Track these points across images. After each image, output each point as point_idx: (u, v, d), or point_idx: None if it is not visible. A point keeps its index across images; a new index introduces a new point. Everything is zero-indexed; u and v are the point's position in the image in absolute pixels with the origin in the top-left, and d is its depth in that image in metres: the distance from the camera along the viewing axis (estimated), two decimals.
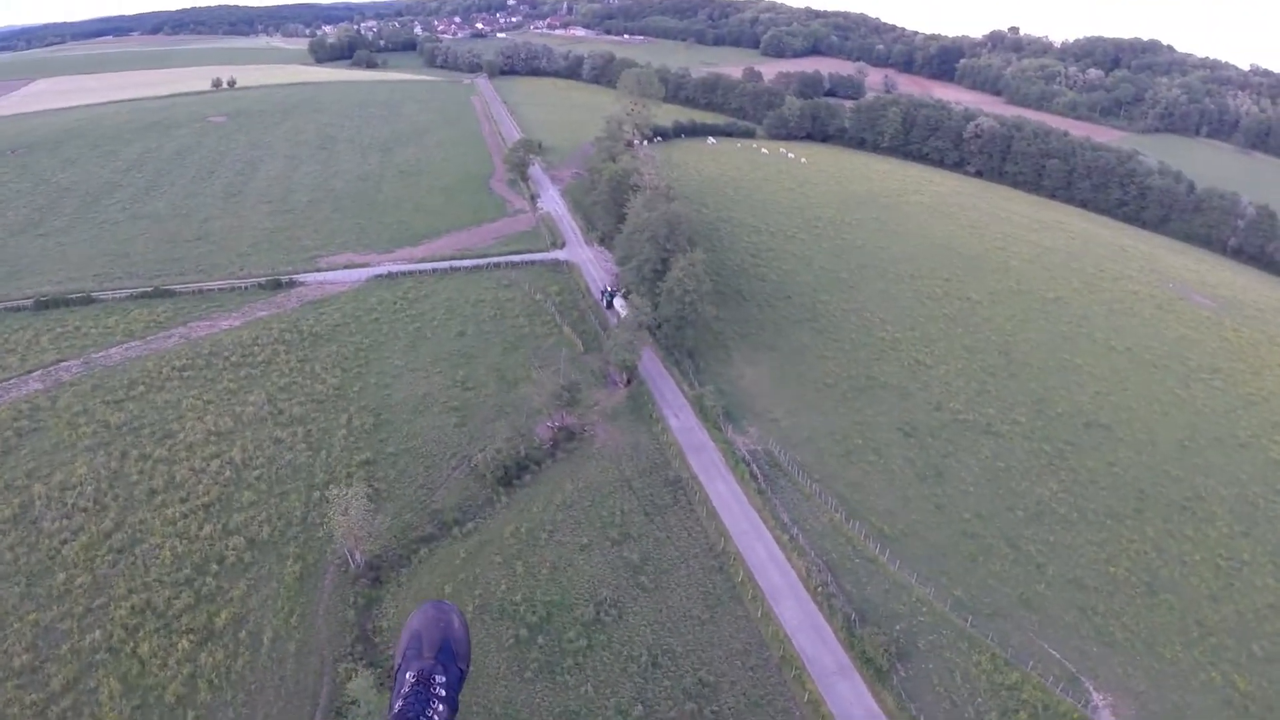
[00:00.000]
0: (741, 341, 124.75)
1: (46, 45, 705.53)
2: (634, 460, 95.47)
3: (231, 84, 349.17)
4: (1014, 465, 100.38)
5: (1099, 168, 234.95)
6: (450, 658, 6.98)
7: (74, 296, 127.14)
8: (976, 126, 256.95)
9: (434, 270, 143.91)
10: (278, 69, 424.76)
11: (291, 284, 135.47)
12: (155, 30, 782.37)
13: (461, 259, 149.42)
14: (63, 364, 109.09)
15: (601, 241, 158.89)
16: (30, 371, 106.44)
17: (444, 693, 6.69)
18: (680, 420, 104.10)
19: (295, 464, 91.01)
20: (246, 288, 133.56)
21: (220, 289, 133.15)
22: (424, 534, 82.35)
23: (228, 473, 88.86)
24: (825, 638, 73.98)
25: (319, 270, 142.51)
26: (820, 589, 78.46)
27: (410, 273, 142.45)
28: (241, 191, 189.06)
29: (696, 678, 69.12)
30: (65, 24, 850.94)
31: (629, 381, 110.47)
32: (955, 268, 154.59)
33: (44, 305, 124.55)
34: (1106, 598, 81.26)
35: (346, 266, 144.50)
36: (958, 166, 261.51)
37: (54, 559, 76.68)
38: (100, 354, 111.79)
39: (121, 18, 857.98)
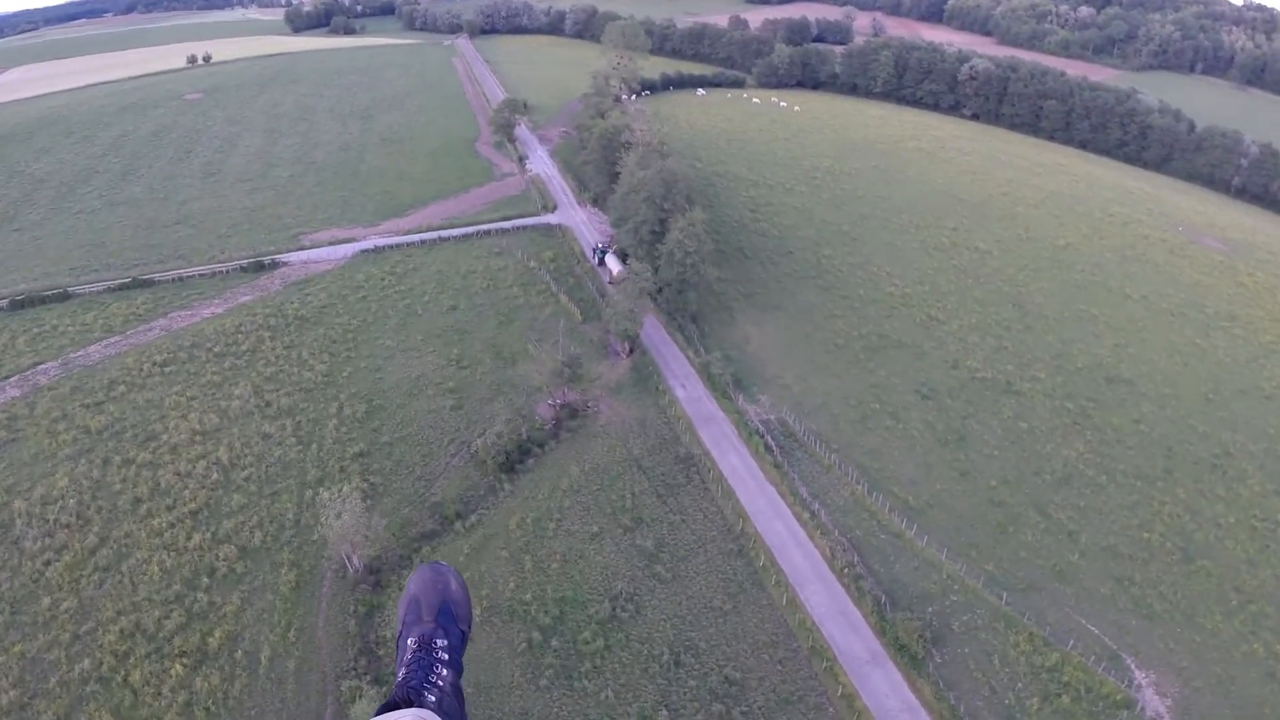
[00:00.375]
0: (746, 302, 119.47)
1: (20, 33, 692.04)
2: (642, 437, 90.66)
3: (207, 59, 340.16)
4: (1037, 426, 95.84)
5: (1098, 108, 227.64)
6: (450, 619, 6.59)
7: (50, 293, 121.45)
8: (971, 69, 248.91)
9: (422, 241, 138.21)
10: (254, 41, 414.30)
11: (274, 265, 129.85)
12: (129, 9, 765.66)
13: (450, 228, 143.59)
14: (40, 367, 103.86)
15: (595, 203, 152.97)
16: (7, 378, 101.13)
17: (446, 656, 6.39)
18: (688, 390, 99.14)
19: (285, 461, 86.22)
20: (228, 272, 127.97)
21: (201, 275, 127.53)
22: (425, 530, 77.81)
23: (215, 475, 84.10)
24: (855, 624, 69.66)
25: (302, 248, 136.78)
26: (847, 570, 74.11)
27: (397, 245, 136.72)
28: (220, 170, 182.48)
29: (722, 675, 64.85)
30: (38, 10, 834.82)
31: (631, 351, 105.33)
32: (960, 216, 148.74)
33: (19, 305, 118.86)
34: (1142, 566, 77.38)
35: (331, 243, 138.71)
36: (953, 110, 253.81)
37: (38, 582, 72.22)
38: (79, 353, 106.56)
39: (95, 1, 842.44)
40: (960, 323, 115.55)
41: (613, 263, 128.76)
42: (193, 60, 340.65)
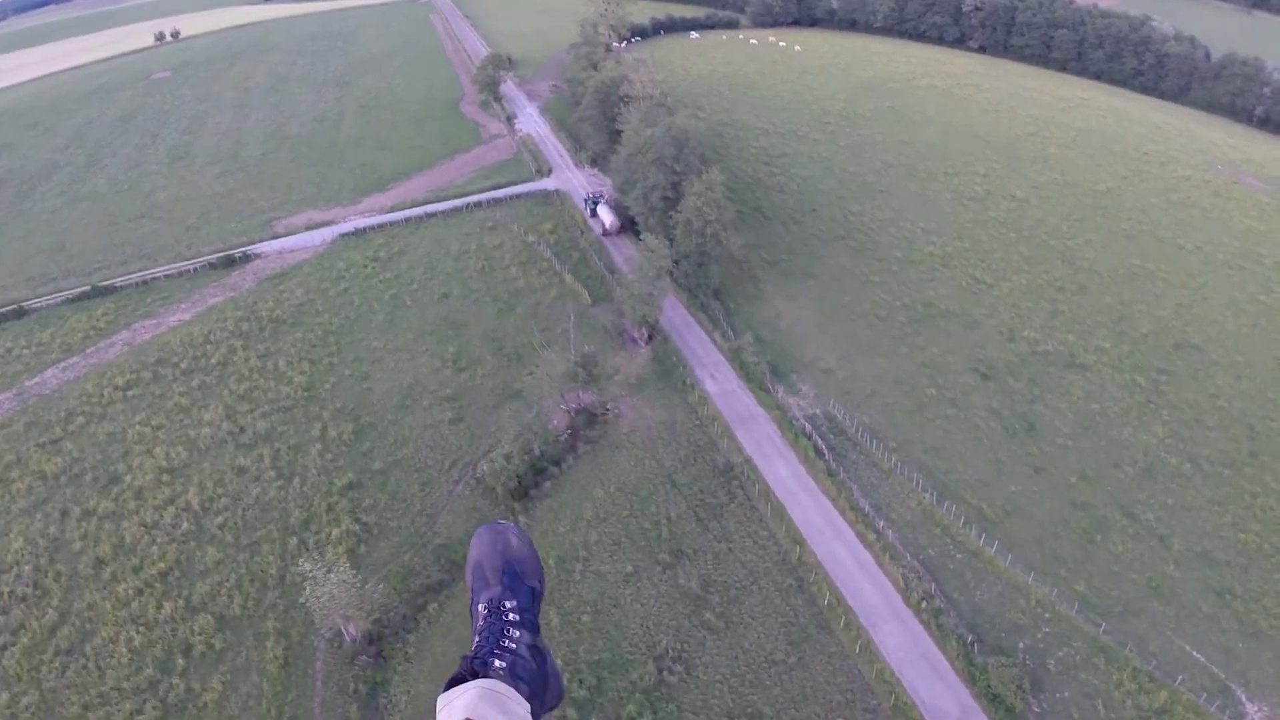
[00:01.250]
0: (772, 270, 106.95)
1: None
2: (672, 444, 78.68)
3: (175, 35, 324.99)
4: (1109, 407, 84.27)
5: (1111, 36, 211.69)
6: (516, 579, 6.00)
7: (3, 310, 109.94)
8: None
9: (407, 219, 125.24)
10: (225, 13, 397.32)
11: (246, 258, 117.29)
12: None
13: (437, 201, 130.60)
14: None
15: (593, 163, 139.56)
16: None
17: (517, 617, 5.80)
18: (719, 383, 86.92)
19: (264, 501, 74.64)
20: (195, 270, 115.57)
21: (167, 275, 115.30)
22: (430, 580, 66.19)
23: (185, 524, 72.74)
24: (940, 671, 58.45)
25: (276, 236, 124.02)
26: (925, 604, 62.65)
27: (380, 226, 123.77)
28: (188, 153, 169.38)
29: None
30: (6, 1, 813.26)
31: (651, 338, 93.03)
32: (990, 160, 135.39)
33: None
34: (1241, 574, 66.68)
35: (308, 228, 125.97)
36: (959, 43, 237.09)
37: None
38: (34, 380, 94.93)
39: None
40: (1009, 285, 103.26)
41: (605, 214, 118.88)
42: (160, 38, 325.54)
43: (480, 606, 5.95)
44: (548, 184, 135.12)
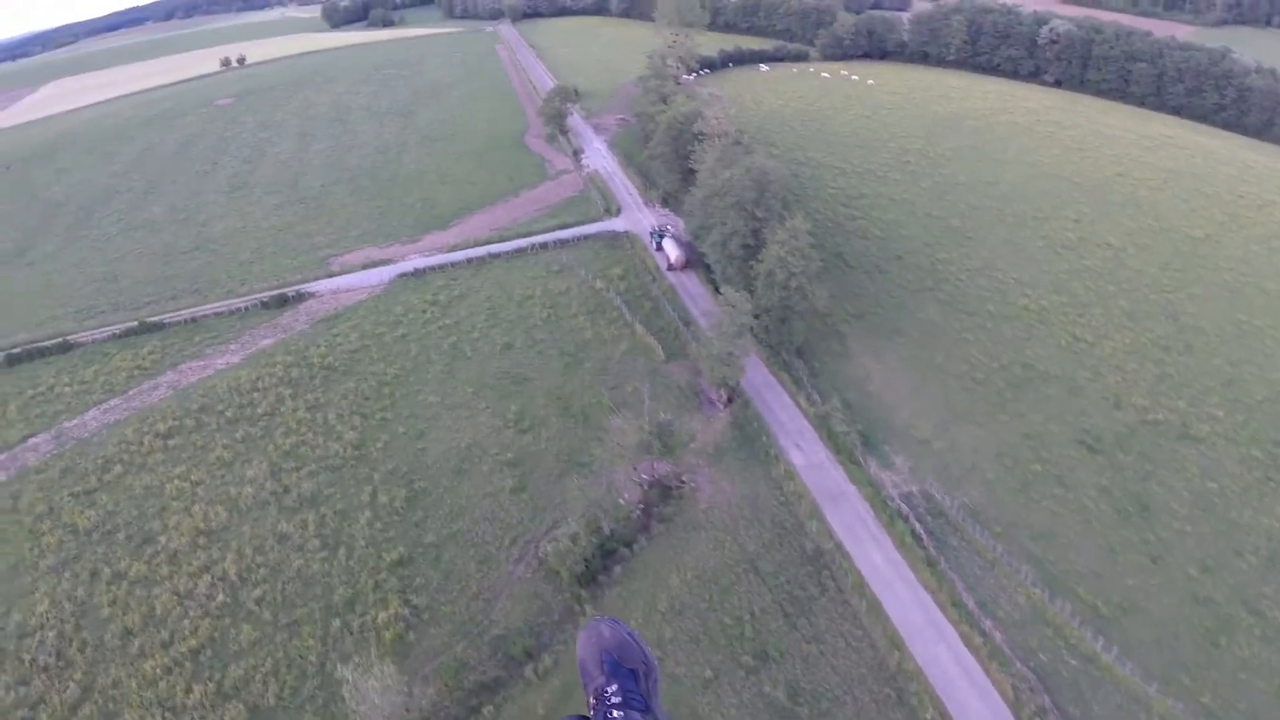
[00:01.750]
0: (857, 325, 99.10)
1: (58, 47, 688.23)
2: (755, 525, 70.75)
3: (241, 61, 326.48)
4: (1227, 485, 75.00)
5: (1191, 69, 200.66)
6: (615, 666, 6.94)
7: (49, 344, 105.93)
8: (1051, 31, 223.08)
9: (469, 260, 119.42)
10: (290, 40, 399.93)
11: (300, 297, 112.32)
12: (168, 16, 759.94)
13: (501, 241, 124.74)
14: (30, 440, 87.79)
15: (665, 202, 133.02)
16: None
17: (620, 698, 6.70)
18: (806, 454, 78.85)
19: (306, 574, 68.05)
20: (247, 308, 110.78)
21: (217, 313, 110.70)
22: (485, 677, 58.74)
23: (220, 595, 66.44)
24: None
25: (332, 275, 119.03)
26: None
27: (441, 266, 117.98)
28: (247, 183, 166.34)
29: None
30: (80, 23, 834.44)
31: (730, 400, 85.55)
32: (1079, 204, 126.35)
33: (16, 359, 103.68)
34: None
35: (365, 266, 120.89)
36: (1033, 76, 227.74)
37: None
38: (74, 421, 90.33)
39: (135, 9, 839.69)
40: (1111, 344, 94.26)
41: (671, 247, 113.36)
42: (226, 63, 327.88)
43: (590, 699, 6.90)
44: (616, 224, 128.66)
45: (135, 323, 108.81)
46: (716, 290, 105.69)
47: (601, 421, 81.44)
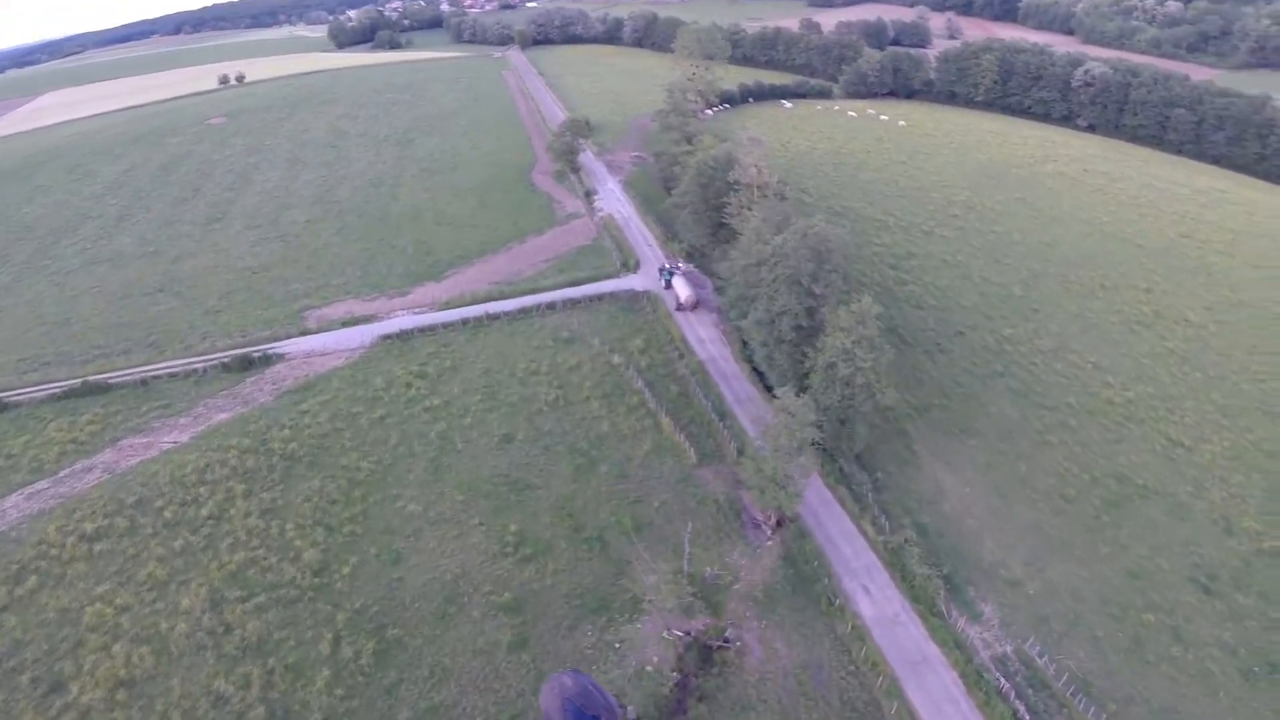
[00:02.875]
0: (923, 421, 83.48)
1: (65, 56, 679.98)
2: (820, 706, 54.23)
3: (240, 79, 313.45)
4: None
5: (1232, 117, 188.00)
6: (579, 715, 7.41)
7: None
8: (1086, 74, 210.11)
9: (464, 321, 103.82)
10: (292, 59, 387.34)
11: (266, 360, 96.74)
12: (176, 30, 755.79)
13: (502, 299, 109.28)
14: None
15: (690, 257, 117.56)
16: None
17: None
18: (876, 601, 62.59)
19: None
20: (205, 370, 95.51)
21: (172, 373, 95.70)
22: None
23: None
24: None
25: (306, 332, 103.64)
26: None
27: (431, 328, 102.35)
28: (227, 213, 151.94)
29: None
30: (90, 34, 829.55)
31: (779, 523, 69.76)
32: (1149, 271, 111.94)
33: None
34: None
35: (345, 323, 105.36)
36: (1066, 120, 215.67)
37: None
38: None
39: (144, 22, 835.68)
40: (1210, 449, 79.14)
41: (681, 286, 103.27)
42: (224, 80, 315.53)
43: None
44: (634, 282, 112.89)
45: (79, 381, 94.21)
46: (754, 368, 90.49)
47: (624, 550, 65.58)
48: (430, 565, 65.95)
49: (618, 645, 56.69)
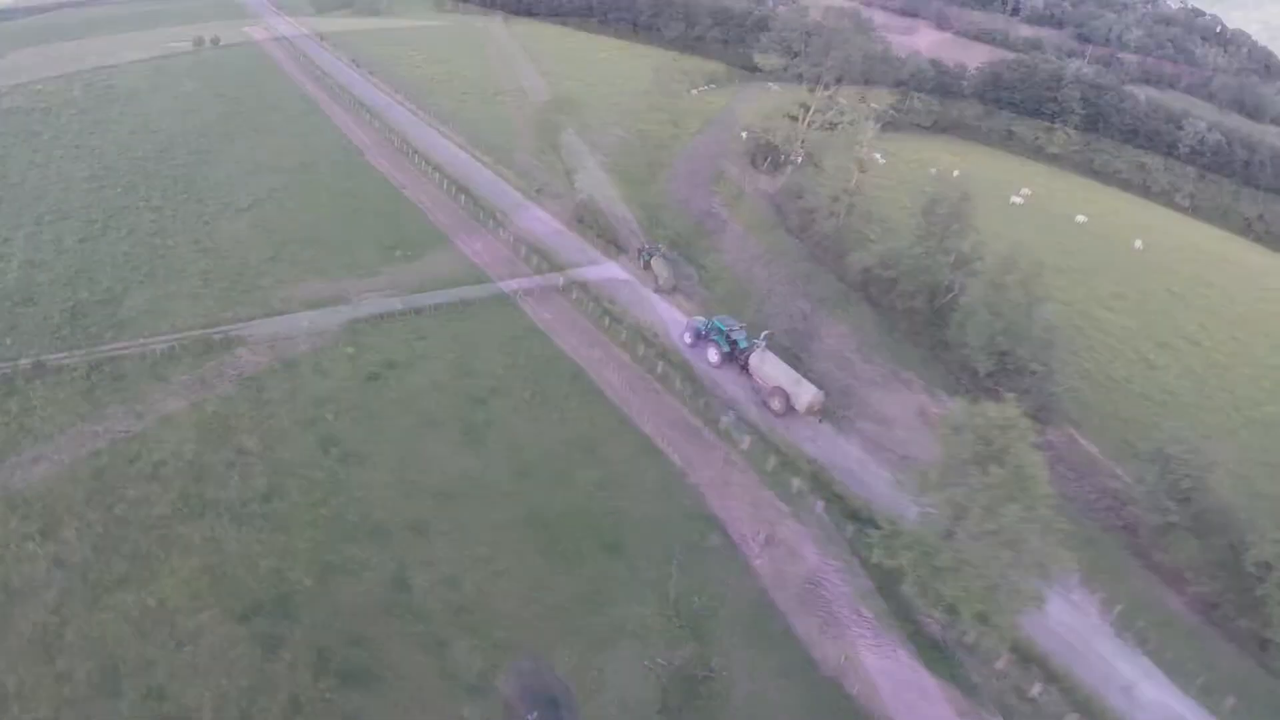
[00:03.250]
0: None
1: (36, 13, 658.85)
2: None
3: (215, 41, 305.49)
4: None
5: None
6: (535, 698, 19.33)
7: None
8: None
9: (435, 307, 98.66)
10: (275, 20, 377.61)
11: (228, 344, 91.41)
12: None
13: (475, 284, 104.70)
14: None
15: (674, 245, 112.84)
16: None
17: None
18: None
19: None
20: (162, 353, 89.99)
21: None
22: None
23: None
24: None
25: (271, 314, 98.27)
26: None
27: (401, 313, 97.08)
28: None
29: None
30: None
31: (768, 541, 65.32)
32: None
33: None
34: None
35: (310, 305, 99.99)
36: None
37: None
38: None
39: None
40: None
41: (660, 267, 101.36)
42: (199, 42, 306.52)
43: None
44: (614, 270, 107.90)
45: (29, 363, 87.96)
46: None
47: (602, 567, 61.43)
48: (394, 576, 61.54)
49: (595, 673, 52.45)
